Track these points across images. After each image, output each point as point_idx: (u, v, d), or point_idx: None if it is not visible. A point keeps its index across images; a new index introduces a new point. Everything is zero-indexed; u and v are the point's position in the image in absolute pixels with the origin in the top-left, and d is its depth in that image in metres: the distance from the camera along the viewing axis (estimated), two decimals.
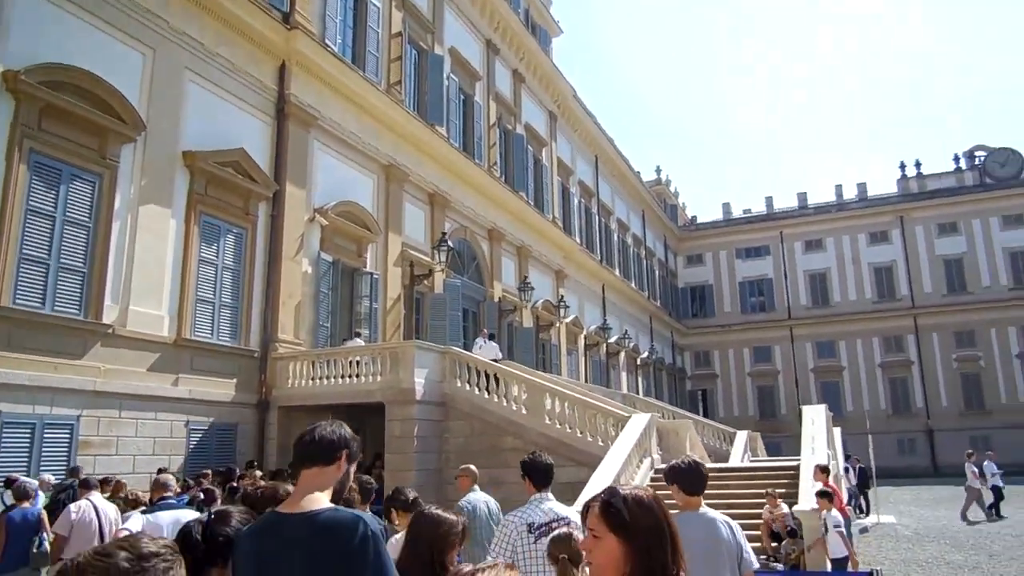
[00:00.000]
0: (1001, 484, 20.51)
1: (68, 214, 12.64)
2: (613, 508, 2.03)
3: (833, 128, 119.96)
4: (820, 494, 10.39)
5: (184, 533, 2.61)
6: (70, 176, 12.76)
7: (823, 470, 11.14)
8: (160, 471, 12.72)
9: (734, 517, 11.10)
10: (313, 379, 15.74)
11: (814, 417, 14.05)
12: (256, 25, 16.75)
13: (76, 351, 12.47)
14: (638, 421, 14.24)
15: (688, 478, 4.27)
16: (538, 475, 4.81)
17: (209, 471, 12.86)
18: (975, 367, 47.27)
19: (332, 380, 15.56)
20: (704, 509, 4.28)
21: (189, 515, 5.51)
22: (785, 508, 11.40)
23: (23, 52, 12.11)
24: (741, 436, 24.22)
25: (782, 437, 45.91)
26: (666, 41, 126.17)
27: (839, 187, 55.94)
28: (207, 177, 15.39)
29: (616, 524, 2.00)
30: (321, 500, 2.55)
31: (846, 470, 19.57)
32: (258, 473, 12.72)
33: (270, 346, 16.23)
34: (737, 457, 21.43)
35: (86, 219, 12.94)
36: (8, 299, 11.59)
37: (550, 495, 4.84)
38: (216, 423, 14.85)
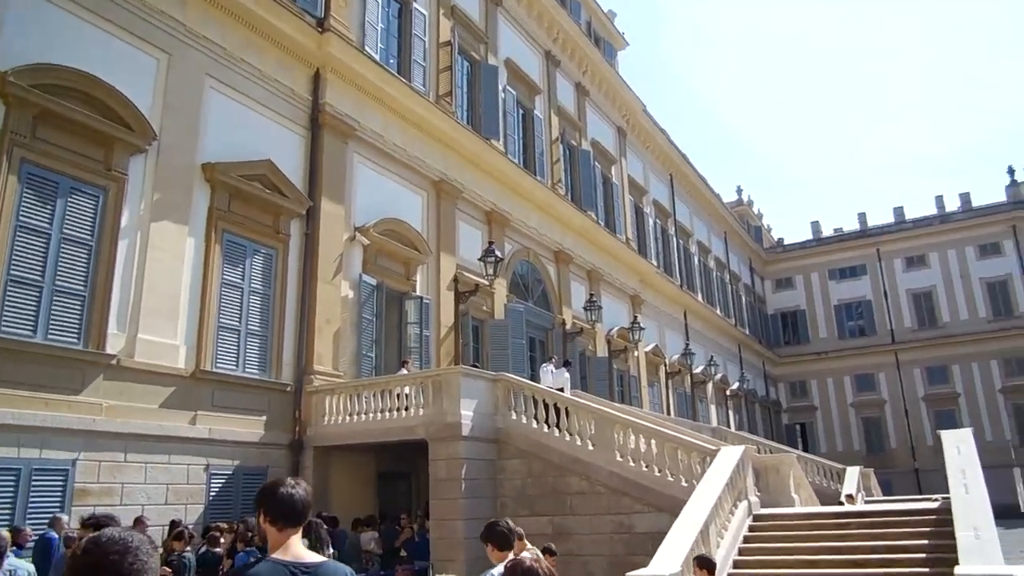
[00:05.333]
0: None
1: (66, 231, 11.25)
2: None
3: (929, 137, 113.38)
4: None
5: None
6: (69, 189, 11.40)
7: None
8: (173, 524, 11.03)
9: None
10: (352, 415, 13.86)
11: (959, 444, 11.20)
12: (286, 30, 15.39)
13: (73, 385, 10.94)
14: (729, 455, 11.73)
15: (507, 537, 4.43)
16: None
17: (223, 524, 11.09)
18: None
19: (372, 415, 13.64)
20: None
21: None
22: None
23: (15, 53, 10.90)
24: (852, 472, 21.16)
25: (893, 472, 41.68)
26: (739, 54, 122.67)
27: (940, 198, 51.84)
28: (230, 192, 13.92)
29: None
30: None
31: None
32: None
33: (305, 379, 14.49)
34: (847, 498, 18.41)
35: (87, 237, 11.53)
36: None
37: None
38: (242, 467, 13.10)
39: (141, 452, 11.55)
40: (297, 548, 2.69)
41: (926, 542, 9.63)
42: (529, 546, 8.00)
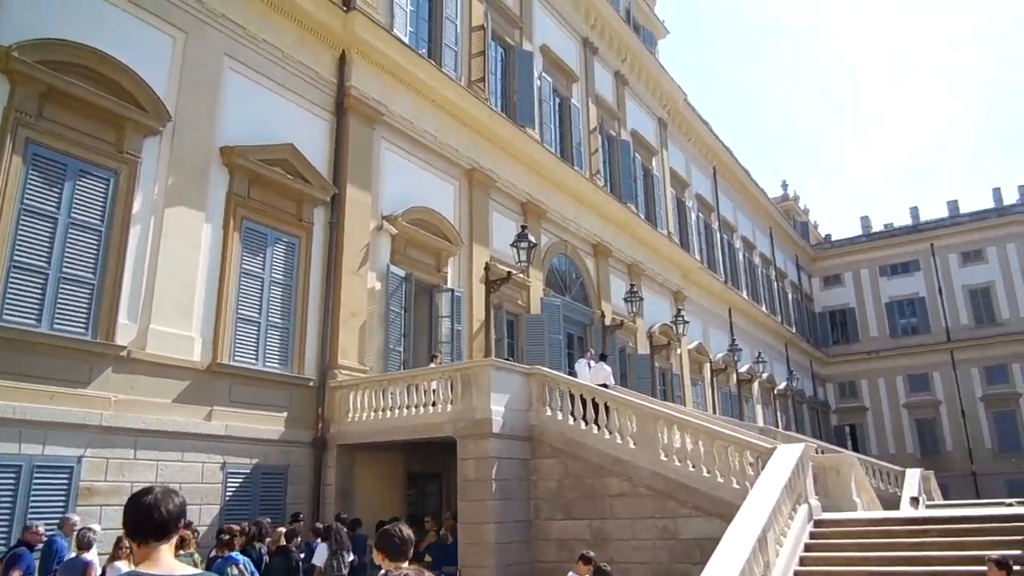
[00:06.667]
0: None
1: (74, 215, 10.67)
2: None
3: (983, 128, 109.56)
4: None
5: None
6: (77, 171, 10.81)
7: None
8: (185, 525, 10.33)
9: None
10: (376, 411, 13.08)
11: None
12: (309, 8, 14.71)
13: (80, 378, 10.33)
14: (787, 454, 10.65)
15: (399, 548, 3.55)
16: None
17: (235, 526, 10.31)
18: None
19: (398, 412, 12.84)
20: None
21: None
22: None
23: (21, 26, 10.35)
24: (913, 475, 19.84)
25: (949, 476, 39.65)
26: (781, 44, 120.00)
27: (997, 191, 49.68)
28: (250, 177, 13.26)
29: None
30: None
31: None
32: (281, 530, 10.08)
33: (328, 374, 13.75)
34: (912, 501, 17.12)
35: (97, 222, 10.93)
36: None
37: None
38: (261, 465, 12.39)
39: (152, 449, 10.89)
40: (168, 560, 2.49)
41: (1020, 552, 8.47)
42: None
